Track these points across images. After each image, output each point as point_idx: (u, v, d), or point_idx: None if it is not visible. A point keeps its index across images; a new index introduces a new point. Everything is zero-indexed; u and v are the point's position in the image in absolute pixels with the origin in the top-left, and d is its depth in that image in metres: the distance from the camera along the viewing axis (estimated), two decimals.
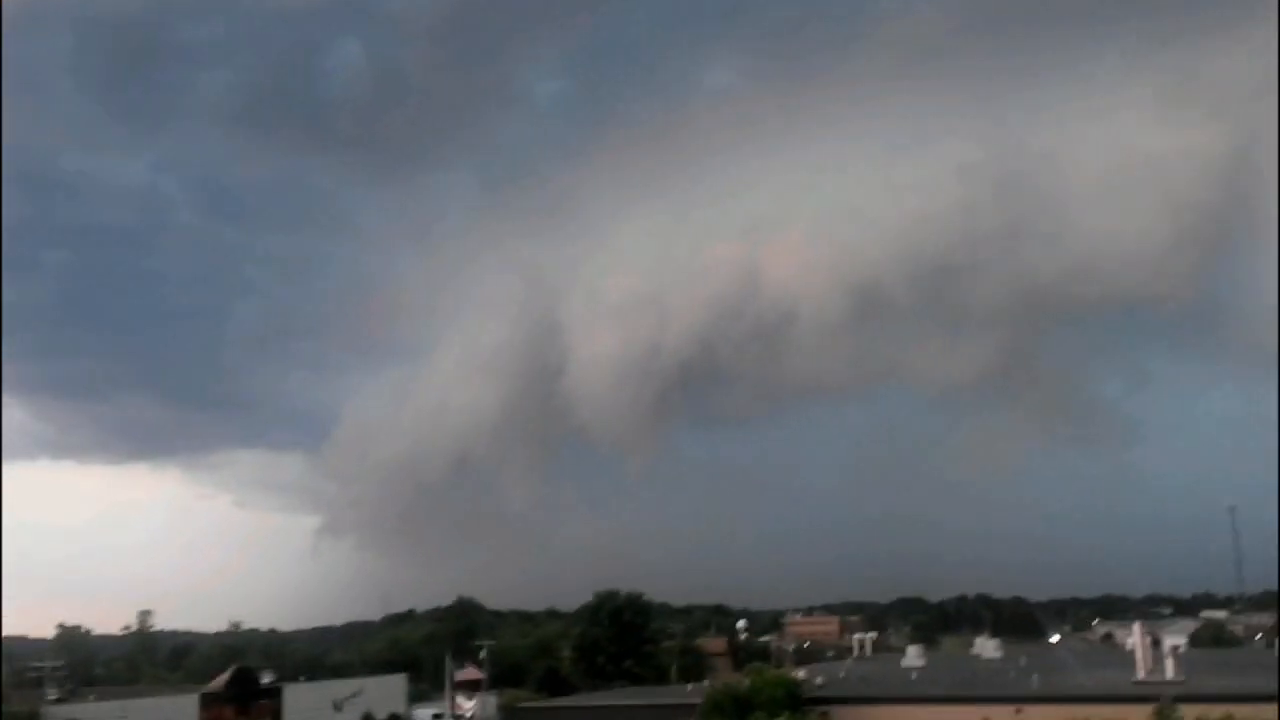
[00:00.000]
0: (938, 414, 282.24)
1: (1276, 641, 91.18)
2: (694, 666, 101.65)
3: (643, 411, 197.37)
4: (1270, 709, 43.61)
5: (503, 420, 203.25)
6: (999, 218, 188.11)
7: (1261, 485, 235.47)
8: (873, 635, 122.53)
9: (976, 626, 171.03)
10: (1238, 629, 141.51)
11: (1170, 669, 59.57)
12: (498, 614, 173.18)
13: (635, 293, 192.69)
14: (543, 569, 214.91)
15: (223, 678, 76.61)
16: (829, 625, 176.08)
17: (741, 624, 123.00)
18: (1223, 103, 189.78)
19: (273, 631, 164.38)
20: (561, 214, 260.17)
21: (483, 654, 79.41)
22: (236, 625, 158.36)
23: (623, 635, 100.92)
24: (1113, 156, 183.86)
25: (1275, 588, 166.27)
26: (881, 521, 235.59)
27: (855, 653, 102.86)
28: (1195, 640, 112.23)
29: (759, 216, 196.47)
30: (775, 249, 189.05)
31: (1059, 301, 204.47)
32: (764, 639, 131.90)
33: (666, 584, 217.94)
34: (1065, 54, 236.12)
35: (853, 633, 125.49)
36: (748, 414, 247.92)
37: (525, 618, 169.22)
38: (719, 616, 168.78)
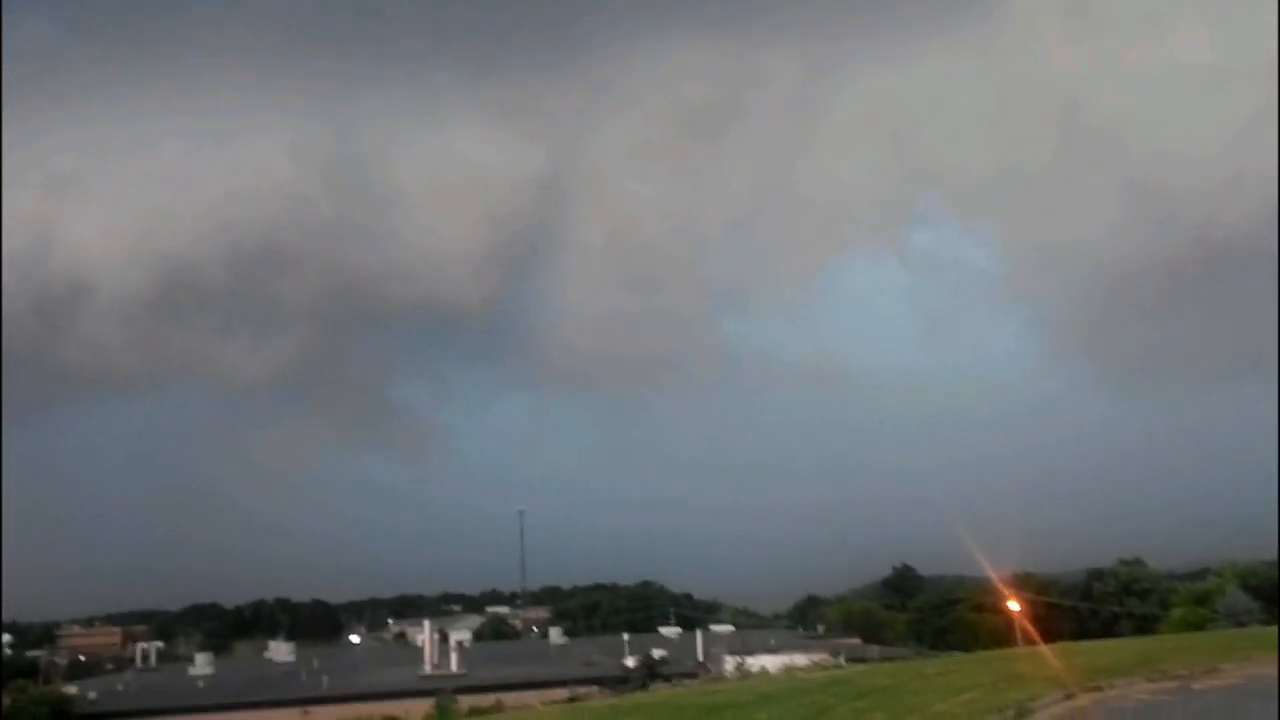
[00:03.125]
0: (237, 412, 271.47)
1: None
2: None
3: None
4: (532, 695, 47.81)
5: None
6: (324, 210, 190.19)
7: (545, 489, 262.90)
8: (159, 645, 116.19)
9: (274, 631, 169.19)
10: (518, 623, 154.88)
11: (455, 662, 63.72)
12: None
13: None
14: None
15: None
16: (112, 636, 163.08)
17: (5, 638, 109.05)
18: (542, 128, 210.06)
19: None
20: None
21: None
22: None
23: None
24: (440, 166, 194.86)
25: (552, 584, 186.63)
26: (171, 526, 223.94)
27: (138, 664, 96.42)
28: (480, 635, 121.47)
29: (62, 174, 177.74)
30: (73, 211, 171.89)
31: (371, 302, 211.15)
32: (33, 654, 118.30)
33: None
34: (408, 62, 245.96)
35: (138, 643, 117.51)
36: (23, 403, 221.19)
37: None
38: None
